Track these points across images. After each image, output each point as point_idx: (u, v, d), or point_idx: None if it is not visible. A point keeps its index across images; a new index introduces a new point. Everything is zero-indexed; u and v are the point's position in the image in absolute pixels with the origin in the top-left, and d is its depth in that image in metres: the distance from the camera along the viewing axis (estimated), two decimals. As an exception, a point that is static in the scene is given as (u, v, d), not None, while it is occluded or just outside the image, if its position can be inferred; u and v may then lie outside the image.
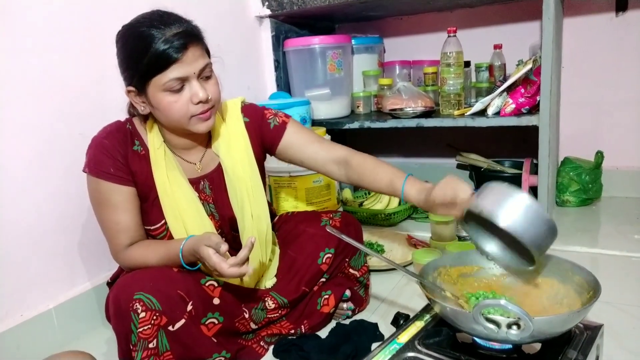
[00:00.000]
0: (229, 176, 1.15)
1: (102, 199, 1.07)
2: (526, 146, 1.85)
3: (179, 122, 1.03)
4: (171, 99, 1.00)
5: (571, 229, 1.77)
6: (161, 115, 1.04)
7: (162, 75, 0.98)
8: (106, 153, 1.06)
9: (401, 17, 2.38)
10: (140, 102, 1.04)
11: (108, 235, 1.10)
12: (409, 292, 1.40)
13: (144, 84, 1.00)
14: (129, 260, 1.09)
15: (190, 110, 1.02)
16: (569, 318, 0.81)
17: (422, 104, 1.88)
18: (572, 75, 2.07)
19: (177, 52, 0.97)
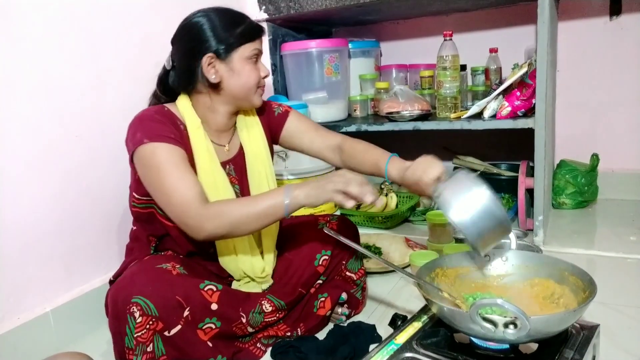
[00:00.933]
0: (250, 159, 1.23)
1: (164, 162, 1.03)
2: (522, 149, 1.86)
3: (250, 90, 1.15)
4: (252, 67, 1.15)
5: (567, 231, 1.78)
6: (238, 81, 1.13)
7: (251, 44, 1.13)
8: (162, 122, 1.09)
9: (397, 21, 2.39)
10: (213, 71, 1.12)
11: (177, 195, 1.01)
12: (406, 294, 1.41)
13: (231, 50, 1.11)
14: (212, 213, 1.01)
15: (260, 82, 1.17)
16: (565, 317, 0.81)
17: (418, 107, 1.89)
18: (567, 79, 2.09)
19: (260, 32, 1.16)
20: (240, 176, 1.23)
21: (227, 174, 1.18)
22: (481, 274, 1.04)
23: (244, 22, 1.14)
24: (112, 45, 1.41)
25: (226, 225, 1.02)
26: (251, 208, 1.03)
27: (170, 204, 1.03)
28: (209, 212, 1.01)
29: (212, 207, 1.02)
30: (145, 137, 1.04)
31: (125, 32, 1.45)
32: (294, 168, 1.78)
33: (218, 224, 1.01)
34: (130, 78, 1.45)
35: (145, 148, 1.04)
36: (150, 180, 1.05)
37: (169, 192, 1.03)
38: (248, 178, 1.22)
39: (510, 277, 1.03)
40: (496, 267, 1.04)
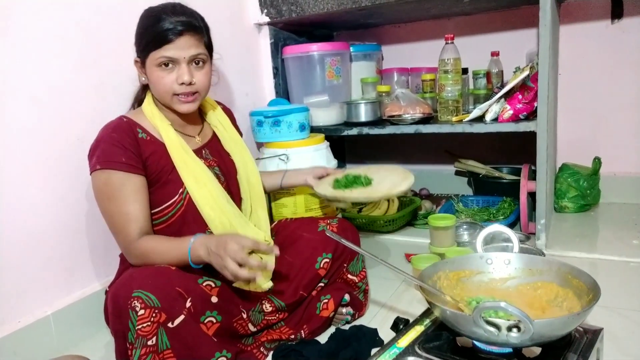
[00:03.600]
0: (226, 140, 1.33)
1: (112, 191, 1.10)
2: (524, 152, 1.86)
3: (164, 97, 1.18)
4: (160, 74, 1.14)
5: (570, 234, 1.78)
6: (152, 87, 1.19)
7: (157, 52, 1.13)
8: (117, 144, 1.11)
9: (399, 25, 2.40)
10: (142, 73, 1.20)
11: (117, 227, 1.11)
12: (408, 298, 1.40)
13: (145, 56, 1.15)
14: (141, 250, 1.09)
15: (173, 89, 1.16)
16: (569, 320, 0.80)
17: (420, 111, 1.88)
18: (569, 82, 2.09)
19: (174, 35, 1.12)
20: (219, 158, 1.30)
21: (205, 159, 1.25)
22: (484, 278, 1.03)
23: (156, 26, 1.12)
24: (114, 48, 1.40)
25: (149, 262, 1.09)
26: (166, 259, 1.08)
27: (114, 233, 1.13)
28: (136, 252, 1.10)
29: (138, 247, 1.10)
30: (98, 163, 1.11)
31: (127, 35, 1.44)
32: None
33: (143, 260, 1.10)
34: (132, 81, 1.44)
35: (98, 175, 1.11)
36: (101, 206, 1.13)
37: (111, 220, 1.12)
38: (233, 159, 1.33)
39: (513, 280, 1.02)
40: (499, 270, 1.03)
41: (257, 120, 1.80)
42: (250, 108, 1.89)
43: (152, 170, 1.15)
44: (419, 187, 2.43)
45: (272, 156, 1.79)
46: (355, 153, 2.66)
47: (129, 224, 1.09)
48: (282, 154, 1.77)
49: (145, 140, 1.17)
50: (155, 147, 1.17)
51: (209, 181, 1.20)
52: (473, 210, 2.02)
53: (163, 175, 1.17)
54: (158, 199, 1.17)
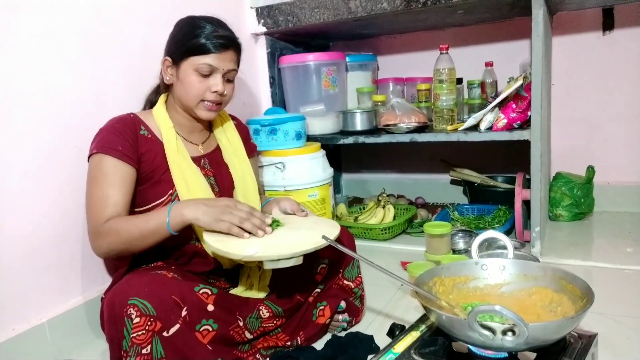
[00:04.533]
0: (229, 153, 1.35)
1: (100, 174, 1.13)
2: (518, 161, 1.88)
3: (191, 100, 1.21)
4: (196, 79, 1.19)
5: (564, 242, 1.79)
6: (181, 89, 1.21)
7: (200, 58, 1.18)
8: (117, 134, 1.16)
9: (394, 36, 2.43)
10: (169, 73, 1.24)
11: (93, 209, 1.11)
12: (404, 305, 1.40)
13: (182, 59, 1.19)
14: (106, 230, 1.07)
15: (204, 96, 1.21)
16: (563, 324, 0.81)
17: (415, 120, 1.90)
18: (562, 92, 2.12)
19: (219, 47, 1.18)
20: (217, 169, 1.32)
21: (202, 167, 1.27)
22: (479, 283, 1.04)
23: (203, 35, 1.17)
24: (112, 56, 1.42)
25: (118, 242, 1.08)
26: (139, 227, 1.07)
27: (88, 215, 1.13)
28: (104, 229, 1.08)
29: (108, 225, 1.08)
30: (95, 148, 1.15)
31: (126, 43, 1.46)
32: (291, 179, 1.79)
33: (111, 241, 1.08)
34: (130, 89, 1.46)
35: (93, 157, 1.15)
36: (87, 188, 1.15)
37: (90, 201, 1.13)
38: (231, 171, 1.33)
39: (508, 286, 1.03)
40: (494, 276, 1.04)
41: (254, 129, 1.82)
42: (247, 117, 1.90)
43: (146, 167, 1.18)
44: (414, 196, 2.44)
45: (268, 164, 1.80)
46: (351, 162, 2.67)
47: (106, 207, 1.10)
48: (278, 162, 1.78)
49: (145, 137, 1.21)
50: (154, 145, 1.21)
51: (201, 188, 1.22)
52: (468, 219, 2.03)
53: (156, 174, 1.19)
54: (148, 197, 1.19)
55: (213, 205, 1.09)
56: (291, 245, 1.05)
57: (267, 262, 1.02)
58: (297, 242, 1.07)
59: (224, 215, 1.08)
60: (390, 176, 2.59)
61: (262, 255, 1.02)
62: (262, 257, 1.02)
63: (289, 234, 1.14)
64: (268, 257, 1.02)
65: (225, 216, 1.08)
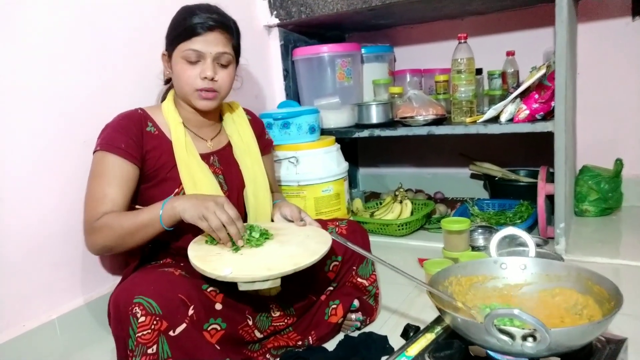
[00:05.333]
0: (240, 151, 1.30)
1: (101, 171, 1.11)
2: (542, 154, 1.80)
3: (185, 91, 1.17)
4: (185, 67, 1.15)
5: (591, 239, 1.71)
6: (175, 80, 1.19)
7: (185, 44, 1.14)
8: (121, 131, 1.14)
9: (412, 26, 2.36)
10: (168, 67, 1.21)
11: (90, 205, 1.09)
12: (421, 304, 1.36)
13: (173, 49, 1.17)
14: (100, 225, 1.05)
15: (196, 84, 1.16)
16: (588, 329, 0.75)
17: (433, 112, 1.84)
18: (588, 82, 2.03)
19: (204, 29, 1.13)
20: (226, 167, 1.28)
21: (211, 165, 1.24)
22: (498, 283, 0.98)
23: (189, 20, 1.14)
24: (121, 51, 1.40)
25: (112, 237, 1.06)
26: (132, 221, 1.05)
27: (85, 210, 1.11)
28: (98, 224, 1.06)
29: (102, 220, 1.06)
30: (99, 145, 1.13)
31: (135, 38, 1.44)
32: (304, 174, 1.75)
33: (104, 236, 1.06)
34: (139, 84, 1.44)
35: (96, 154, 1.13)
36: (87, 185, 1.13)
37: (88, 197, 1.11)
38: (242, 170, 1.29)
39: (530, 286, 0.97)
40: (514, 275, 0.99)
41: (267, 123, 1.78)
42: (260, 110, 1.87)
43: (151, 164, 1.16)
44: (433, 191, 2.38)
45: (281, 159, 1.76)
46: (368, 156, 2.62)
47: (102, 204, 1.08)
48: (291, 156, 1.74)
49: (152, 134, 1.18)
50: (160, 142, 1.18)
51: (209, 187, 1.18)
52: (489, 214, 1.97)
53: (162, 172, 1.17)
54: (154, 195, 1.16)
55: (203, 200, 1.05)
56: (269, 266, 0.98)
57: (241, 284, 0.97)
58: (276, 262, 1.00)
59: (207, 214, 1.03)
60: (408, 170, 2.53)
61: (235, 277, 0.96)
62: (236, 278, 0.96)
63: (271, 251, 1.06)
64: (242, 278, 0.96)
65: (209, 215, 1.03)
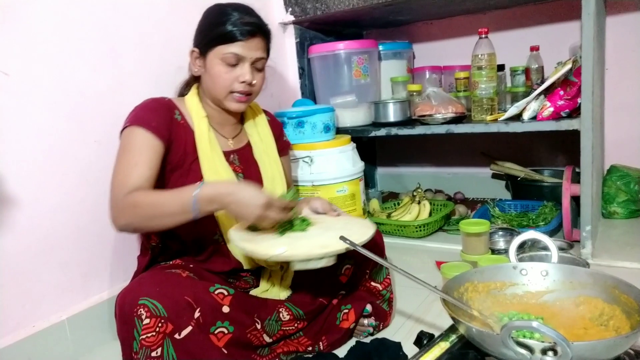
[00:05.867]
0: (259, 151, 1.29)
1: (130, 145, 1.07)
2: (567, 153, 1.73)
3: (219, 92, 1.16)
4: (223, 69, 1.14)
5: (619, 242, 1.63)
6: (209, 80, 1.17)
7: (225, 47, 1.13)
8: (153, 110, 1.13)
9: (431, 22, 2.30)
10: (197, 64, 1.19)
11: (118, 179, 1.04)
12: (437, 309, 1.30)
13: (208, 49, 1.15)
14: (128, 202, 1.00)
15: (232, 86, 1.15)
16: (615, 343, 0.70)
17: (452, 110, 1.79)
18: (617, 78, 1.94)
19: (246, 35, 1.13)
20: (246, 166, 1.26)
21: (231, 163, 1.22)
22: (518, 290, 0.93)
23: (229, 22, 1.12)
24: (132, 49, 1.39)
25: (140, 219, 1.00)
26: (165, 207, 1.00)
27: (112, 185, 1.05)
28: (127, 200, 1.00)
29: (131, 197, 1.00)
30: (128, 121, 1.10)
31: (147, 36, 1.43)
32: (319, 173, 1.72)
33: (131, 214, 1.00)
34: (151, 82, 1.43)
35: (125, 130, 1.10)
36: (116, 161, 1.09)
37: (116, 170, 1.07)
38: (261, 170, 1.27)
39: (552, 294, 0.91)
40: (535, 282, 0.93)
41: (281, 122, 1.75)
42: (275, 109, 1.84)
43: (176, 152, 1.14)
44: (453, 191, 2.32)
45: (296, 158, 1.73)
46: (386, 155, 2.57)
47: (130, 178, 1.03)
48: (305, 156, 1.71)
49: (178, 122, 1.17)
50: (185, 132, 1.17)
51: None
52: (510, 216, 1.90)
53: (185, 162, 1.15)
54: (180, 183, 1.11)
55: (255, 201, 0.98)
56: (323, 245, 0.96)
57: (296, 263, 0.96)
58: (328, 241, 0.98)
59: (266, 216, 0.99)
60: (427, 170, 2.47)
61: (291, 255, 0.95)
62: (291, 256, 0.95)
63: (319, 233, 1.06)
64: (297, 256, 0.95)
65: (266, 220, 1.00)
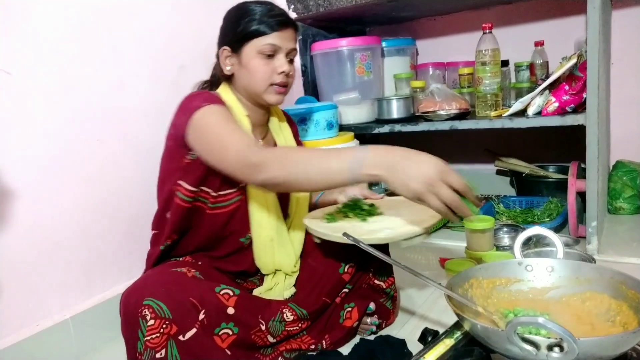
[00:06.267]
0: None
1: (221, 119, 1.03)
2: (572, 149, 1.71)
3: (259, 85, 1.13)
4: (261, 62, 1.12)
5: (626, 238, 1.62)
6: (247, 76, 1.14)
7: (261, 39, 1.11)
8: (216, 96, 1.12)
9: (434, 18, 2.28)
10: (229, 62, 1.16)
11: (234, 142, 0.98)
12: (442, 306, 1.30)
13: (242, 44, 1.12)
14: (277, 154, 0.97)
15: (272, 78, 1.13)
16: (622, 340, 0.69)
17: (456, 106, 1.77)
18: (623, 72, 1.91)
19: (279, 25, 1.12)
20: None
21: None
22: (523, 286, 0.92)
23: (261, 16, 1.11)
24: (134, 48, 1.38)
25: (286, 174, 0.94)
26: (317, 163, 0.94)
27: (228, 152, 0.99)
28: (272, 154, 0.97)
29: (278, 150, 1.00)
30: (202, 102, 1.05)
31: (149, 35, 1.43)
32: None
33: (278, 169, 0.94)
34: (153, 81, 1.43)
35: (202, 110, 1.04)
36: (206, 137, 1.03)
37: (226, 141, 1.00)
38: None
39: (557, 290, 0.90)
40: (540, 278, 0.92)
41: (284, 119, 1.75)
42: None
43: None
44: (457, 188, 2.30)
45: (299, 156, 1.72)
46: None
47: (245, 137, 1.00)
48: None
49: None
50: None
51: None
52: (515, 212, 1.88)
53: None
54: (221, 183, 1.10)
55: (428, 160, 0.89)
56: (416, 222, 1.03)
57: (402, 242, 1.00)
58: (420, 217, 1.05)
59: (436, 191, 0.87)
60: (431, 167, 2.45)
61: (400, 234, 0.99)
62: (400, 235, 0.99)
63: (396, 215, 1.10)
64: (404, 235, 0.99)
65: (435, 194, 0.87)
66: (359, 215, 1.13)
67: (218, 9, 1.22)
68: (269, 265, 1.18)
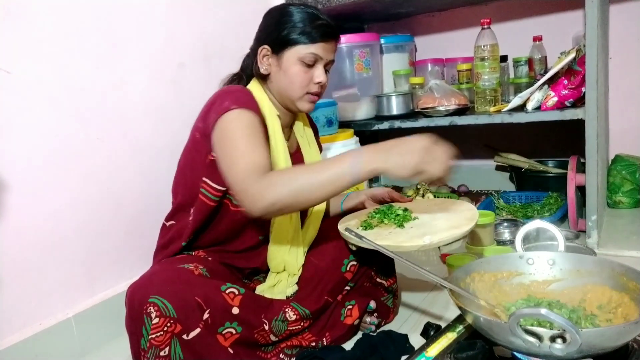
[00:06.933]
0: (309, 155, 1.27)
1: (245, 128, 1.01)
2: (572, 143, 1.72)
3: (296, 92, 1.13)
4: (301, 69, 1.11)
5: (625, 232, 1.62)
6: (285, 80, 1.13)
7: (306, 47, 1.10)
8: (251, 96, 1.09)
9: (433, 14, 2.29)
10: (266, 62, 1.14)
11: (245, 161, 0.97)
12: (443, 300, 1.30)
13: (284, 48, 1.11)
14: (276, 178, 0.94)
15: (310, 87, 1.13)
16: (624, 330, 0.69)
17: (455, 102, 1.78)
18: (621, 67, 1.92)
19: (326, 37, 1.11)
20: None
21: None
22: (524, 279, 0.93)
23: (311, 23, 1.09)
24: (134, 46, 1.38)
25: (288, 193, 0.92)
26: (316, 175, 0.93)
27: (236, 168, 0.97)
28: (272, 179, 0.94)
29: (275, 174, 0.96)
30: (233, 104, 1.03)
31: (148, 33, 1.43)
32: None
33: (280, 191, 0.92)
34: (153, 79, 1.43)
35: (231, 113, 1.02)
36: (224, 143, 1.01)
37: (238, 155, 0.98)
38: None
39: (559, 283, 0.91)
40: (542, 271, 0.93)
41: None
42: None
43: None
44: (457, 184, 2.31)
45: (299, 153, 1.73)
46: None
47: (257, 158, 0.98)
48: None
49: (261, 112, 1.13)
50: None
51: None
52: (515, 207, 1.89)
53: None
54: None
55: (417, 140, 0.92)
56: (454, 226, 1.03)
57: (443, 247, 1.04)
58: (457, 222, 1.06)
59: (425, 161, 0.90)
60: (431, 163, 2.45)
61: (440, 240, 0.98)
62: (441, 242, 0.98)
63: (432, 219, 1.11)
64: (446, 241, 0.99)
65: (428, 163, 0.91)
66: (394, 221, 1.11)
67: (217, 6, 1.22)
68: (280, 265, 1.19)
